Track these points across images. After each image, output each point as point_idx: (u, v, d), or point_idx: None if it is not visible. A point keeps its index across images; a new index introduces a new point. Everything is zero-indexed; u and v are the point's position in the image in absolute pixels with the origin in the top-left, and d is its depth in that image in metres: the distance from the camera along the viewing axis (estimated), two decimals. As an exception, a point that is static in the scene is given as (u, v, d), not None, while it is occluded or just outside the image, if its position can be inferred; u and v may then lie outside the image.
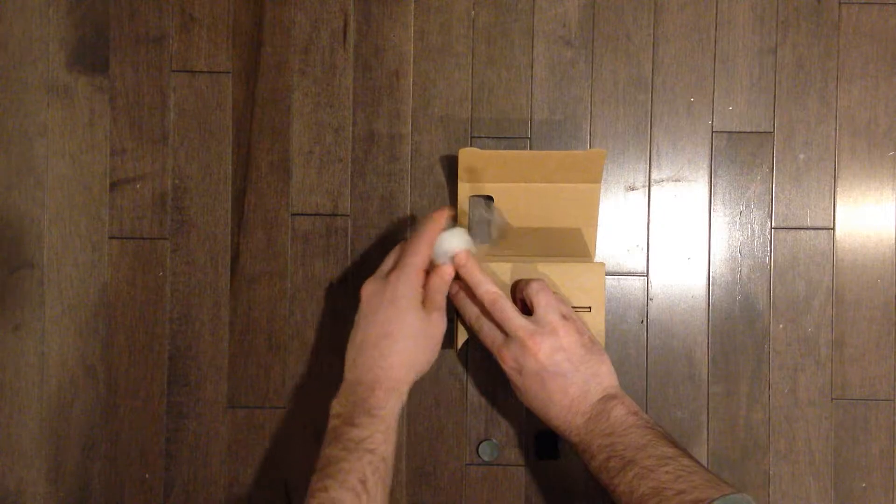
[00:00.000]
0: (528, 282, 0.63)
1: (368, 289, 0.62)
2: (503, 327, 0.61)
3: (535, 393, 0.61)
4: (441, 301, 0.62)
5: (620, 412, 0.59)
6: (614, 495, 0.57)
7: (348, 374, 0.61)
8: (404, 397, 0.60)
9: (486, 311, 0.62)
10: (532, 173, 0.68)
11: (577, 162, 0.68)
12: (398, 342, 0.60)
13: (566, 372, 0.60)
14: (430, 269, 0.63)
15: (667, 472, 0.55)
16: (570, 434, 0.61)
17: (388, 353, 0.59)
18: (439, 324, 0.62)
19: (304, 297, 0.72)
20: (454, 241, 0.62)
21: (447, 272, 0.62)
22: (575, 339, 0.61)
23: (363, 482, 0.54)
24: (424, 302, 0.61)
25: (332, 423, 0.59)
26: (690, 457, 0.57)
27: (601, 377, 0.61)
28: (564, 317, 0.61)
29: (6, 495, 0.71)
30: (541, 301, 0.61)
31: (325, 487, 0.54)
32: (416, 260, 0.61)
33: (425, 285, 0.62)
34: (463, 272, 0.62)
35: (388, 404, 0.59)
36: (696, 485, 0.54)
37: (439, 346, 0.62)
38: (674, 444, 0.58)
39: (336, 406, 0.60)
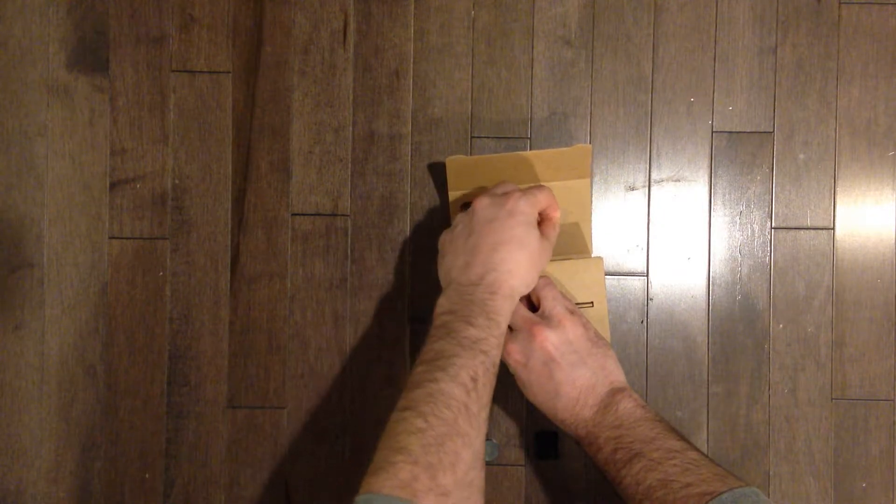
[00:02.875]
0: None
1: (485, 201, 0.61)
2: (511, 321, 0.61)
3: (541, 385, 0.61)
4: (553, 235, 0.63)
5: (628, 405, 0.59)
6: (620, 488, 0.57)
7: (458, 277, 0.59)
8: (514, 307, 0.60)
9: None
10: (521, 174, 0.69)
11: (565, 159, 0.68)
12: (517, 251, 0.59)
13: (574, 364, 0.60)
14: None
15: (674, 465, 0.55)
16: (577, 427, 0.61)
17: (508, 258, 0.59)
18: (548, 251, 0.62)
19: (304, 297, 0.72)
20: None
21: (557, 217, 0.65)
22: (581, 331, 0.61)
23: (474, 380, 0.53)
24: (541, 227, 0.62)
25: (443, 318, 0.57)
26: (698, 450, 0.57)
27: (608, 370, 0.61)
28: (570, 311, 0.62)
29: (6, 495, 0.71)
30: (546, 295, 0.62)
31: (434, 378, 0.52)
32: (541, 193, 0.62)
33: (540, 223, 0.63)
34: None
35: (505, 311, 0.58)
36: (703, 478, 0.54)
37: (540, 272, 0.62)
38: (681, 437, 0.58)
39: (446, 303, 0.58)
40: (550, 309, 0.61)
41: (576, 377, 0.60)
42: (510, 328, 0.62)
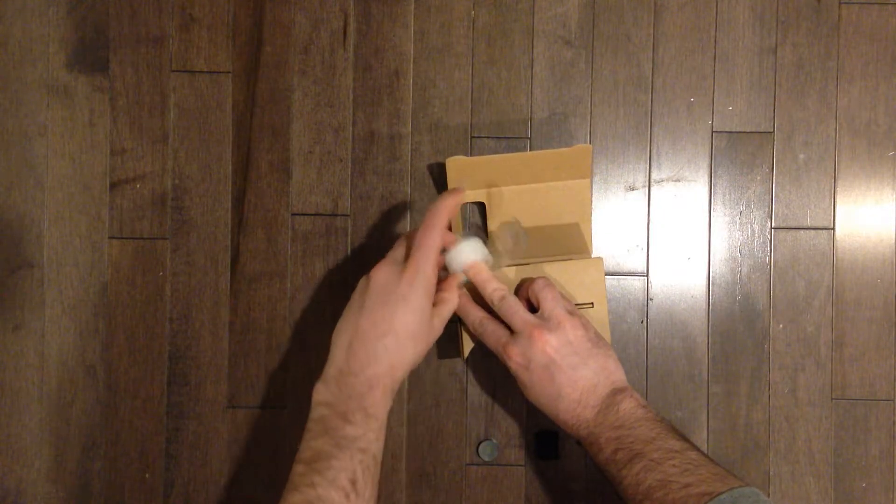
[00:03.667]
0: (532, 280, 0.63)
1: (381, 275, 0.58)
2: (510, 322, 0.61)
3: (543, 387, 0.60)
4: (448, 313, 0.61)
5: (630, 405, 0.59)
6: (620, 488, 0.57)
7: (340, 360, 0.57)
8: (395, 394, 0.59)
9: (491, 312, 0.63)
10: (521, 174, 0.69)
11: (565, 159, 0.68)
12: (403, 342, 0.57)
13: (575, 365, 0.60)
14: (443, 277, 0.62)
15: (673, 466, 0.55)
16: (578, 428, 0.61)
17: (393, 351, 0.57)
18: (439, 329, 0.60)
19: (304, 297, 0.72)
20: (471, 253, 0.62)
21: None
22: (581, 332, 0.61)
23: (353, 482, 0.53)
24: (435, 303, 0.60)
25: (320, 411, 0.56)
26: (698, 450, 0.57)
27: (609, 371, 0.61)
28: (570, 312, 0.62)
29: (6, 495, 0.71)
30: (546, 296, 0.62)
31: (312, 483, 0.52)
32: (432, 255, 0.58)
33: (437, 288, 0.60)
34: (470, 274, 0.63)
35: (385, 403, 0.57)
36: (702, 478, 0.54)
37: (429, 349, 0.60)
38: (682, 437, 0.58)
39: (324, 392, 0.57)
40: (550, 310, 0.61)
41: (577, 379, 0.60)
42: (510, 333, 0.62)
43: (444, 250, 0.62)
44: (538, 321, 0.61)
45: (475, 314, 0.63)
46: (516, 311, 0.61)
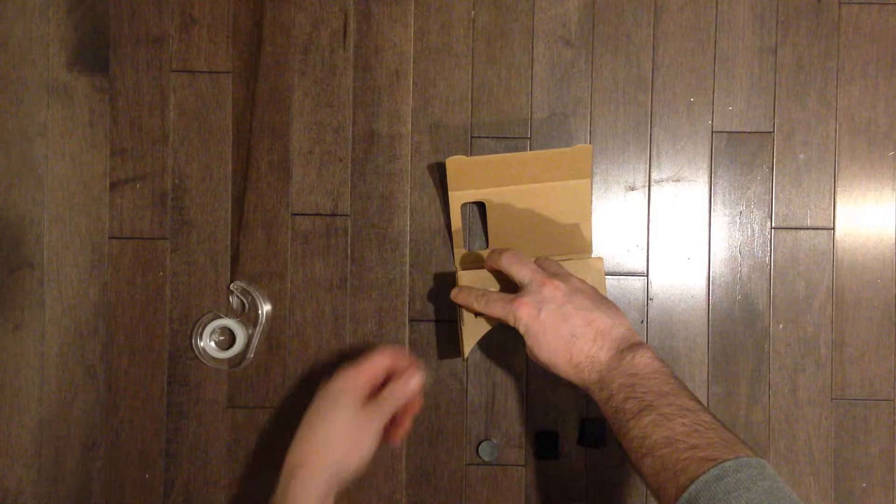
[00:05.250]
0: (516, 256, 0.64)
1: (320, 388, 0.62)
2: (519, 276, 0.62)
3: (556, 331, 0.59)
4: (384, 413, 0.61)
5: (647, 356, 0.58)
6: (625, 440, 0.56)
7: (288, 457, 0.60)
8: (326, 489, 0.58)
9: (487, 293, 0.63)
10: (521, 175, 0.69)
11: (565, 159, 0.68)
12: (320, 432, 0.59)
13: (588, 307, 0.60)
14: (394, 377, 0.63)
15: (683, 424, 0.53)
16: (591, 370, 0.59)
17: (310, 439, 0.59)
18: (370, 431, 0.60)
19: (304, 297, 0.72)
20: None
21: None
22: (587, 285, 0.62)
23: None
24: (368, 403, 0.61)
25: None
26: (711, 413, 0.55)
27: (622, 320, 0.60)
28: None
29: (6, 495, 0.71)
30: (542, 264, 0.64)
31: None
32: (364, 366, 0.61)
33: (381, 390, 0.62)
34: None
35: (305, 498, 0.57)
36: (711, 441, 0.52)
37: (366, 455, 0.60)
38: (695, 398, 0.56)
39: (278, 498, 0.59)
40: (554, 270, 0.63)
41: (592, 318, 0.59)
42: (519, 286, 0.62)
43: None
44: (547, 274, 0.62)
45: (475, 293, 0.64)
46: (525, 262, 0.62)
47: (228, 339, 0.71)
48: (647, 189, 0.73)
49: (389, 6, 0.72)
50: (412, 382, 0.62)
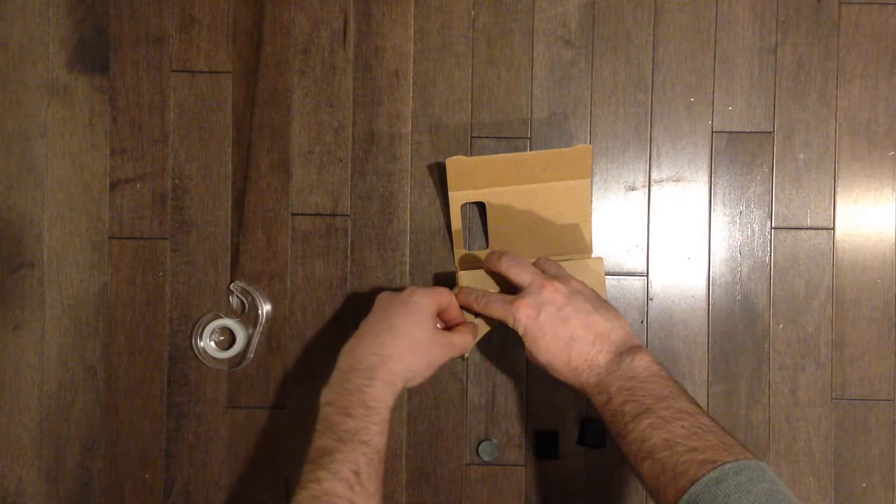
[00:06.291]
0: (515, 259, 0.64)
1: (384, 294, 0.63)
2: (518, 278, 0.62)
3: (555, 333, 0.60)
4: (459, 344, 0.63)
5: (645, 360, 0.58)
6: (624, 443, 0.56)
7: (343, 362, 0.59)
8: (398, 394, 0.59)
9: (486, 294, 0.64)
10: (521, 175, 0.69)
11: (565, 159, 0.68)
12: (400, 337, 0.59)
13: (588, 310, 0.60)
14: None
15: (683, 427, 0.54)
16: (589, 374, 0.59)
17: (389, 342, 0.59)
18: (443, 351, 0.61)
19: (304, 297, 0.72)
20: None
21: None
22: (588, 288, 0.62)
23: (357, 473, 0.53)
24: (448, 327, 0.64)
25: (324, 411, 0.57)
26: (709, 416, 0.55)
27: (621, 323, 0.61)
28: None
29: (6, 495, 0.71)
30: (540, 264, 0.64)
31: (317, 479, 0.53)
32: (446, 292, 0.63)
33: (449, 323, 0.65)
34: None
35: (384, 397, 0.57)
36: (710, 444, 0.52)
37: (434, 368, 0.61)
38: (693, 401, 0.56)
39: (327, 394, 0.58)
40: (554, 273, 0.63)
41: (591, 322, 0.60)
42: (520, 288, 0.62)
43: None
44: (546, 276, 0.62)
45: (475, 292, 0.64)
46: (525, 265, 0.62)
47: (228, 339, 0.71)
48: (647, 189, 0.73)
49: (389, 6, 0.72)
50: (471, 337, 0.64)
